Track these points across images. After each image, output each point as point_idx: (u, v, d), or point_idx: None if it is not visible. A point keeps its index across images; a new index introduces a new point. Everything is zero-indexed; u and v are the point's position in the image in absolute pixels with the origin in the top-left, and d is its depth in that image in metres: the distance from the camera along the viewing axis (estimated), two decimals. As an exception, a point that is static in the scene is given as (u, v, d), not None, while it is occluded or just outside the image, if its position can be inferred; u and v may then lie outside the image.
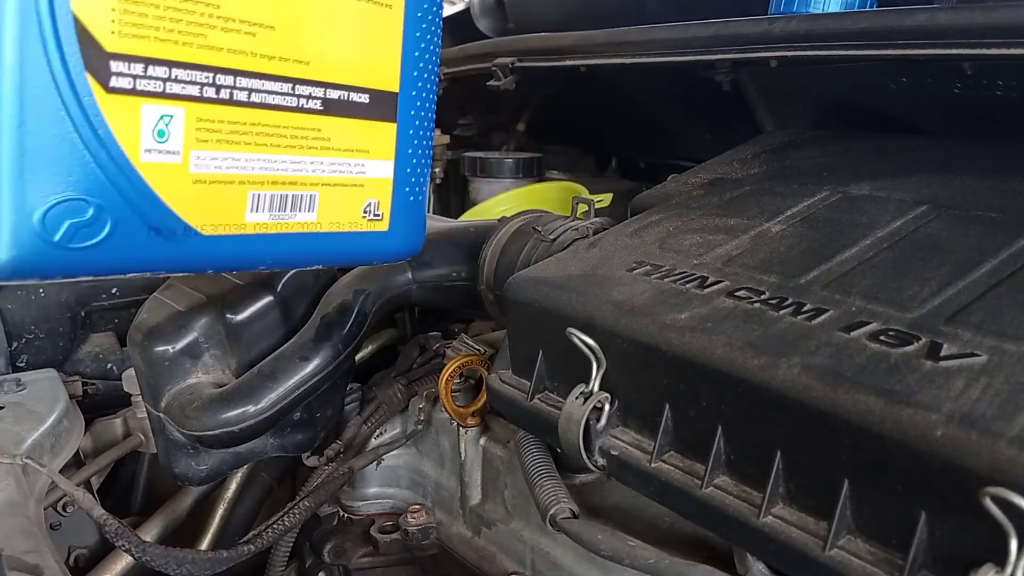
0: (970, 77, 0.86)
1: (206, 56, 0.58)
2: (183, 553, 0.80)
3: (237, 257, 0.63)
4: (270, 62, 0.62)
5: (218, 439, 0.83)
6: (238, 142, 0.61)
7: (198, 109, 0.58)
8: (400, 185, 0.75)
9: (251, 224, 0.62)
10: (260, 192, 0.63)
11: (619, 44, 1.16)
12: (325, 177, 0.68)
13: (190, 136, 0.58)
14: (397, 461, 1.09)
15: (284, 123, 0.64)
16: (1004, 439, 0.44)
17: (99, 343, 1.24)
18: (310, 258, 0.70)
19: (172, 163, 0.57)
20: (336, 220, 0.70)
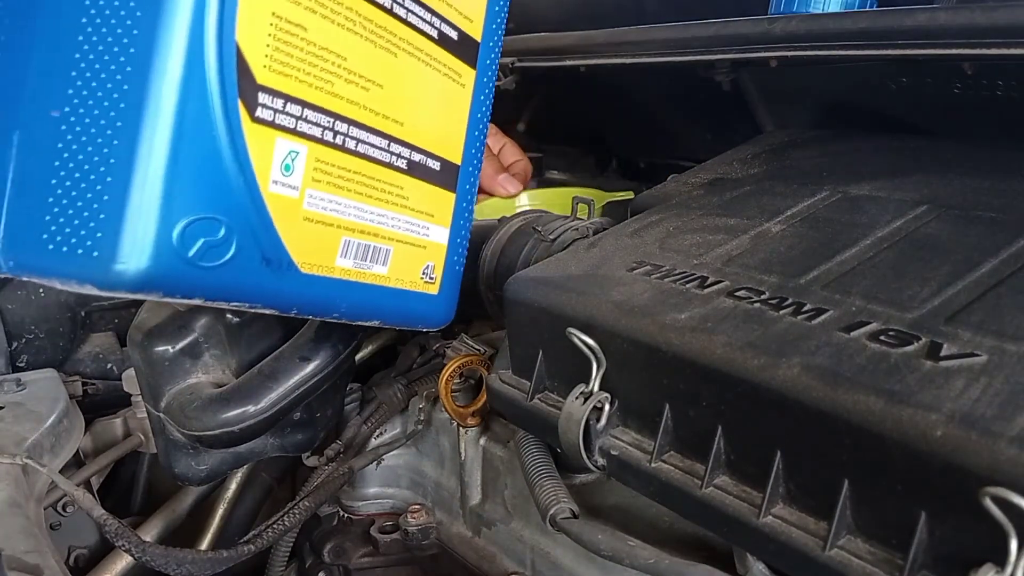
0: (970, 77, 0.86)
1: (331, 102, 0.62)
2: (183, 553, 0.80)
3: (321, 300, 0.65)
4: (375, 117, 0.67)
5: (218, 439, 0.83)
6: (342, 187, 0.64)
7: (318, 150, 0.61)
8: (451, 253, 0.80)
9: (339, 269, 0.65)
10: (350, 239, 0.66)
11: (619, 44, 1.16)
12: (399, 234, 0.72)
13: (308, 174, 0.60)
14: (397, 461, 1.09)
15: (377, 176, 0.68)
16: (1004, 439, 0.44)
17: (99, 343, 1.24)
18: (374, 312, 0.72)
19: (290, 197, 0.59)
20: (401, 277, 0.74)
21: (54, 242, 0.50)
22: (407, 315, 0.77)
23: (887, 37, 0.87)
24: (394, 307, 0.74)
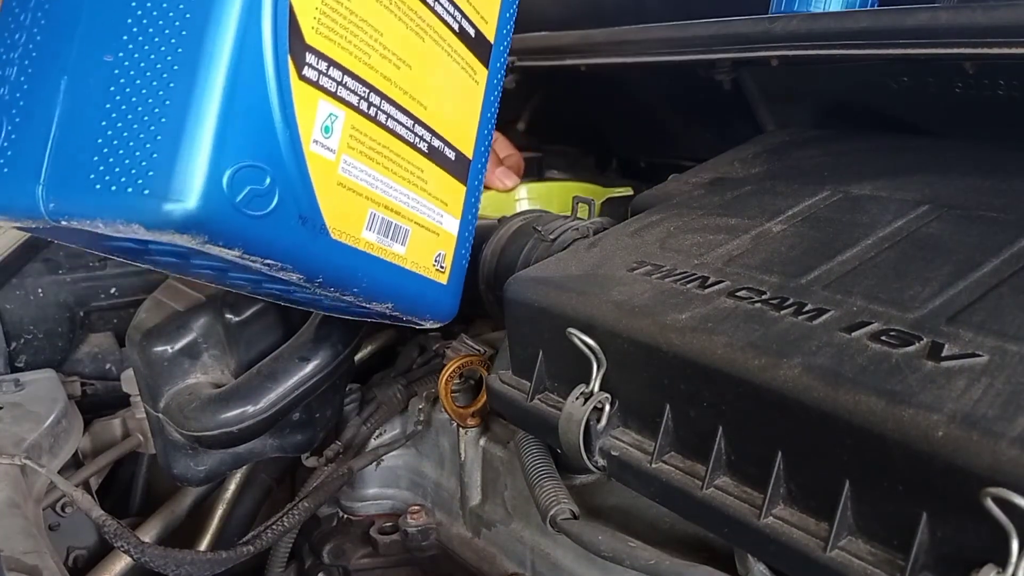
0: (971, 77, 0.86)
1: (367, 73, 0.64)
2: (182, 554, 0.80)
3: (345, 270, 0.66)
4: (404, 96, 0.69)
5: (217, 440, 0.83)
6: (372, 159, 0.66)
7: (353, 118, 0.63)
8: (460, 245, 0.81)
9: (364, 241, 0.66)
10: (376, 212, 0.67)
11: (619, 43, 1.16)
12: (418, 216, 0.73)
13: (344, 140, 0.62)
14: (397, 462, 1.09)
15: (402, 154, 0.70)
16: (1005, 439, 0.44)
17: (98, 343, 1.24)
18: (389, 292, 0.72)
19: (327, 159, 0.61)
20: (416, 260, 0.74)
21: (102, 182, 0.51)
22: (418, 301, 0.77)
23: (888, 36, 0.87)
24: (408, 290, 0.75)
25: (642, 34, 1.14)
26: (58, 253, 1.18)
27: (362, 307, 0.73)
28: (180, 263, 0.66)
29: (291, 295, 0.75)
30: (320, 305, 0.80)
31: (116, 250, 0.66)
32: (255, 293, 0.78)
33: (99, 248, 0.67)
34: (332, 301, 0.72)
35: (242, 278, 0.69)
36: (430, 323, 0.83)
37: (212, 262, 0.60)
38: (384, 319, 0.79)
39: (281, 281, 0.64)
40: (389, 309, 0.74)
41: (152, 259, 0.66)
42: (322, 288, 0.65)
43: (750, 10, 1.06)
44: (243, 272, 0.63)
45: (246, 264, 0.58)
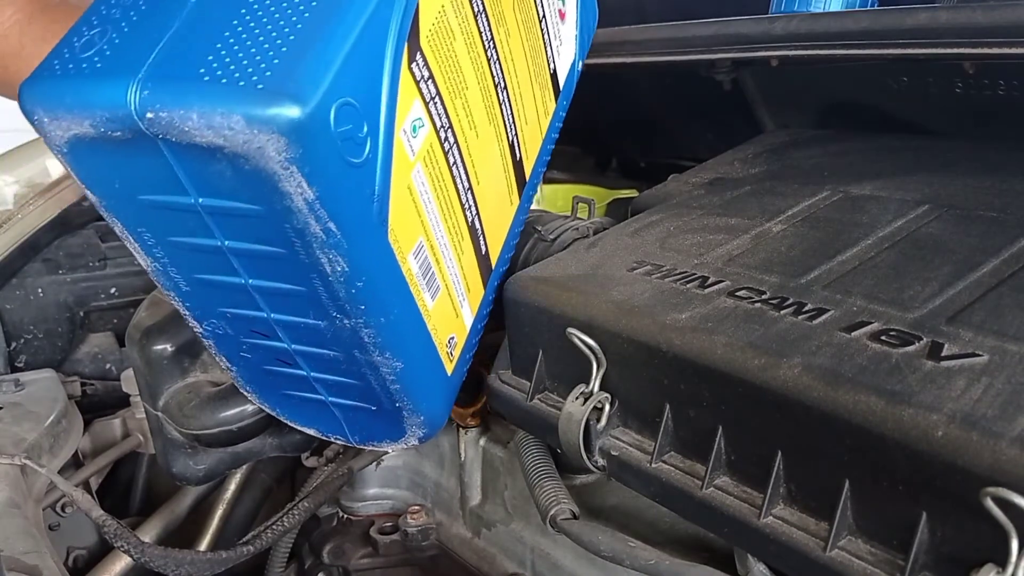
0: (971, 76, 0.86)
1: (451, 110, 0.67)
2: (182, 554, 0.80)
3: (384, 284, 0.63)
4: (468, 155, 0.71)
5: (216, 438, 0.83)
6: (435, 188, 0.66)
7: (432, 138, 0.65)
8: (468, 341, 0.77)
9: (407, 266, 0.65)
10: (424, 244, 0.66)
11: (619, 43, 1.16)
12: (449, 280, 0.71)
13: (422, 150, 0.63)
14: (396, 462, 1.09)
15: (454, 207, 0.70)
16: (1005, 439, 0.44)
17: (98, 343, 1.23)
18: (406, 347, 0.67)
19: (407, 155, 0.61)
20: (437, 326, 0.70)
21: (212, 74, 0.51)
22: (421, 379, 0.71)
23: (888, 36, 0.87)
24: (419, 357, 0.70)
25: (642, 34, 1.14)
26: (58, 253, 1.18)
27: (363, 366, 0.67)
28: (207, 247, 0.60)
29: (295, 334, 0.67)
30: (316, 361, 0.70)
31: (147, 209, 0.60)
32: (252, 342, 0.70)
33: (125, 204, 0.60)
34: (339, 349, 0.66)
35: (267, 287, 0.63)
36: (413, 432, 0.74)
37: (248, 242, 0.58)
38: (365, 404, 0.72)
39: (304, 299, 0.61)
40: (390, 377, 0.67)
41: (183, 224, 0.60)
42: (351, 303, 0.61)
43: (750, 10, 1.06)
44: (280, 270, 0.60)
45: (304, 229, 0.55)
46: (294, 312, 0.64)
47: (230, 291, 0.64)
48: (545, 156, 0.90)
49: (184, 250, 0.61)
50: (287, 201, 0.53)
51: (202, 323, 0.69)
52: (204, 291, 0.65)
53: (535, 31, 0.82)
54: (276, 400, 0.77)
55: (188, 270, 0.64)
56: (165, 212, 0.58)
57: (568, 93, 0.94)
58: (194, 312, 0.68)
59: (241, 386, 0.77)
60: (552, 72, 0.88)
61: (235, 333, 0.69)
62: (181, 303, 0.67)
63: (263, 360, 0.71)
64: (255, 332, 0.68)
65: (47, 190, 1.18)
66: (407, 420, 0.72)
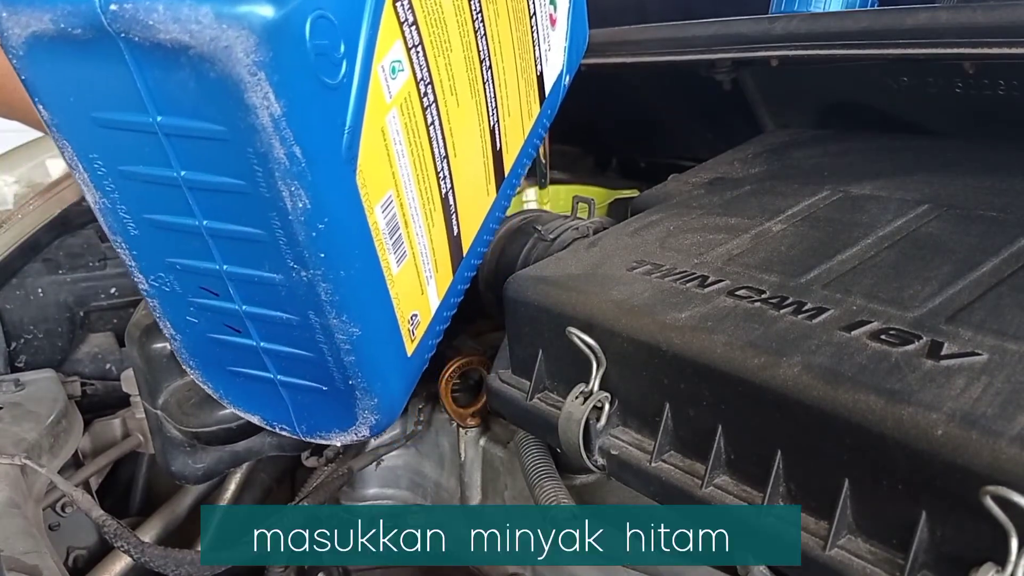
0: (971, 76, 0.86)
1: (434, 66, 0.65)
2: (182, 554, 0.80)
3: (348, 232, 0.59)
4: (448, 123, 0.68)
5: (215, 436, 0.83)
6: (410, 142, 0.63)
7: (411, 87, 0.62)
8: (431, 329, 0.73)
9: (374, 218, 0.61)
10: (393, 199, 0.63)
11: (620, 43, 1.16)
12: (417, 251, 0.68)
13: (399, 96, 0.61)
14: (396, 462, 1.09)
15: (428, 172, 0.67)
16: (1005, 438, 0.44)
17: (98, 343, 1.23)
18: (366, 312, 0.63)
19: (383, 95, 0.59)
20: (400, 297, 0.66)
21: None
22: (379, 355, 0.66)
23: (888, 36, 0.87)
24: (379, 328, 0.65)
25: (642, 34, 1.14)
26: (58, 253, 1.18)
27: (317, 332, 0.62)
28: (162, 179, 0.56)
29: (247, 292, 0.62)
30: (267, 327, 0.65)
31: (101, 129, 0.55)
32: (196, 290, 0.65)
33: (78, 122, 0.56)
34: (293, 310, 0.62)
35: (222, 231, 0.58)
36: (364, 419, 0.69)
37: (207, 172, 0.54)
38: (315, 383, 0.67)
39: (260, 247, 0.57)
40: (345, 346, 0.62)
41: (138, 150, 0.55)
42: (311, 249, 0.57)
43: (750, 10, 1.06)
44: (239, 209, 0.56)
45: (267, 153, 0.52)
46: (248, 263, 0.60)
47: (182, 236, 0.59)
48: (525, 160, 0.88)
49: (136, 182, 0.57)
50: (252, 117, 0.50)
51: (148, 277, 0.65)
52: (154, 236, 0.61)
53: (524, 26, 0.81)
54: (221, 379, 0.73)
55: (139, 208, 0.59)
56: (120, 134, 0.54)
57: (553, 103, 0.93)
58: (141, 262, 0.64)
59: (184, 360, 0.72)
60: (539, 75, 0.87)
61: (183, 291, 0.65)
62: (128, 251, 0.63)
63: (210, 326, 0.67)
64: (204, 290, 0.64)
65: (47, 190, 1.18)
66: (359, 402, 0.67)
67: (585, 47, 1.01)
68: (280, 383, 0.69)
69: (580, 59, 1.00)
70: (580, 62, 1.00)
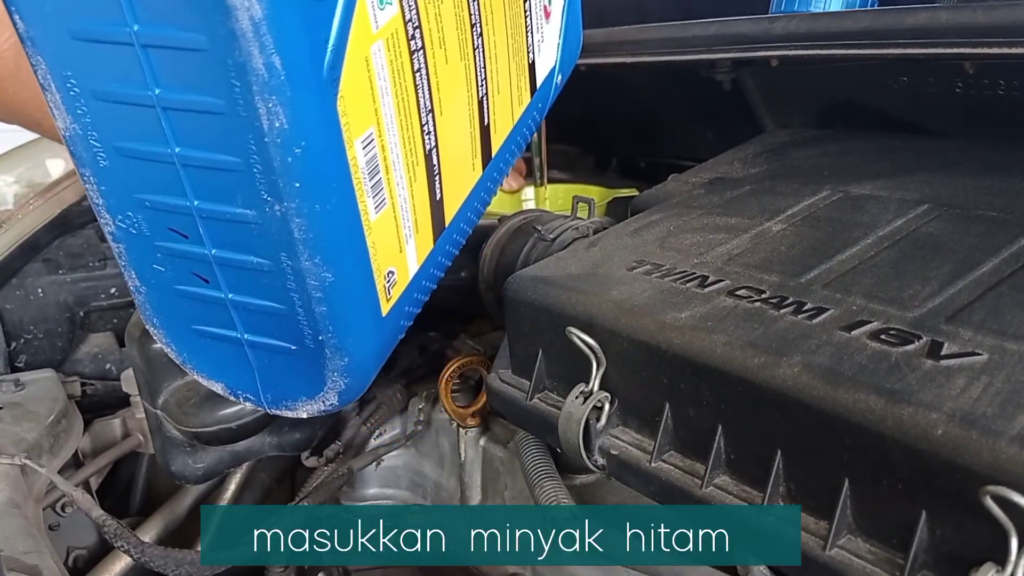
0: (971, 76, 0.86)
1: (424, 14, 0.63)
2: (182, 554, 0.80)
3: (328, 164, 0.56)
4: (435, 76, 0.66)
5: (215, 435, 0.83)
6: (395, 81, 0.61)
7: (398, 23, 0.60)
8: (407, 295, 0.69)
9: (353, 153, 0.58)
10: (374, 137, 0.60)
11: (620, 43, 1.16)
12: (396, 202, 0.64)
13: (386, 28, 0.58)
14: (396, 462, 1.09)
15: (412, 120, 0.64)
16: (1005, 438, 0.44)
17: (98, 343, 1.23)
18: (341, 256, 0.60)
19: (368, 21, 0.57)
20: (376, 247, 0.62)
21: None
22: (351, 309, 0.62)
23: (888, 36, 0.87)
24: (354, 276, 0.61)
25: (642, 34, 1.14)
26: (58, 253, 1.18)
27: (288, 278, 0.59)
28: (137, 99, 0.53)
29: (218, 232, 0.59)
30: (237, 274, 0.62)
31: (77, 43, 0.53)
32: None
33: (54, 34, 0.54)
34: (264, 253, 0.58)
35: (196, 158, 0.55)
36: (333, 384, 0.65)
37: (183, 91, 0.52)
38: (284, 343, 0.64)
39: (234, 178, 0.55)
40: (317, 294, 0.59)
41: (114, 66, 0.53)
42: (286, 176, 0.54)
43: (750, 10, 1.06)
44: (213, 132, 0.53)
45: (245, 64, 0.50)
46: (221, 198, 0.57)
47: (154, 168, 0.56)
48: (514, 148, 0.86)
49: (110, 103, 0.54)
50: (231, 21, 0.48)
51: (116, 217, 0.61)
52: (124, 167, 0.58)
53: (519, 7, 0.80)
54: (185, 340, 0.69)
55: (111, 134, 0.56)
56: (96, 49, 0.52)
57: (544, 98, 0.92)
58: (109, 199, 0.60)
59: (148, 318, 0.68)
60: (531, 63, 0.86)
61: (151, 233, 0.61)
62: (96, 185, 0.60)
63: (178, 275, 0.63)
64: (173, 231, 0.60)
65: (47, 190, 1.18)
66: (329, 362, 0.63)
67: (579, 51, 1.00)
68: (247, 343, 0.66)
69: (574, 62, 0.99)
70: (574, 65, 1.00)
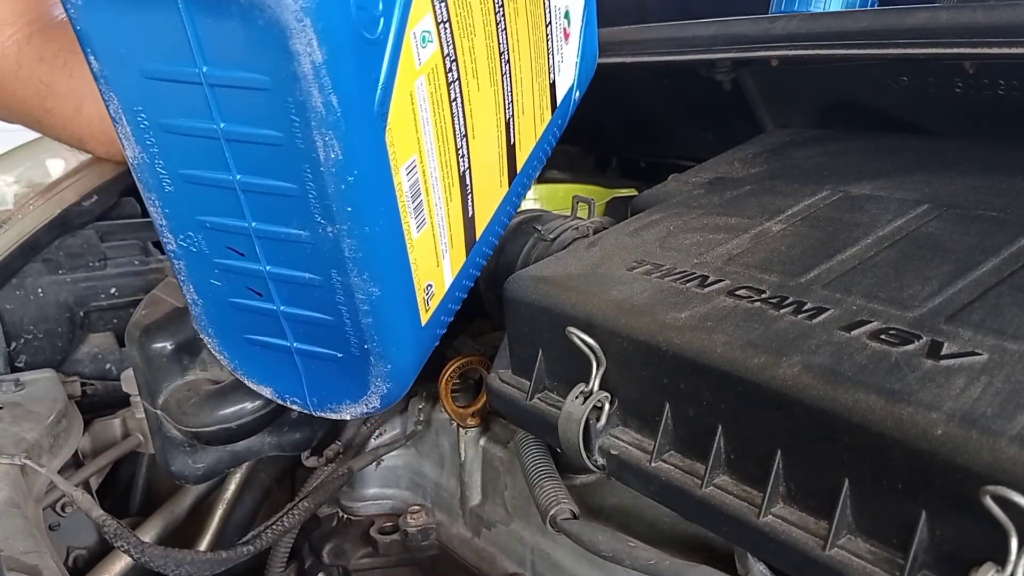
0: (971, 76, 0.86)
1: (460, 47, 0.67)
2: (182, 554, 0.80)
3: (376, 187, 0.60)
4: (468, 104, 0.70)
5: (215, 435, 0.83)
6: (434, 112, 0.65)
7: (438, 60, 0.64)
8: (443, 306, 0.74)
9: (399, 178, 0.62)
10: (415, 163, 0.64)
11: (619, 43, 1.16)
12: (435, 220, 0.69)
13: (427, 64, 0.62)
14: (396, 462, 1.09)
15: (448, 145, 0.68)
16: (1004, 438, 0.44)
17: (98, 343, 1.23)
18: (387, 272, 0.64)
19: (413, 61, 0.61)
20: (417, 263, 0.66)
21: None
22: (395, 321, 0.67)
23: (888, 36, 0.87)
24: (397, 291, 0.66)
25: (642, 34, 1.14)
26: (58, 253, 1.18)
27: (337, 292, 0.63)
28: (202, 132, 0.58)
29: (273, 251, 0.63)
30: (290, 289, 0.66)
31: (148, 81, 0.57)
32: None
33: (127, 73, 0.58)
34: (316, 270, 0.63)
35: (255, 185, 0.60)
36: (376, 388, 0.69)
37: (246, 124, 0.56)
38: (331, 350, 0.67)
39: (290, 202, 0.59)
40: (364, 307, 0.63)
41: (182, 102, 0.57)
42: (339, 202, 0.58)
43: (750, 10, 1.06)
44: (273, 162, 0.58)
45: (305, 102, 0.54)
46: (277, 219, 0.62)
47: (215, 192, 0.61)
48: (536, 163, 0.89)
49: (176, 135, 0.59)
50: (294, 65, 0.52)
51: (177, 236, 0.66)
52: (188, 192, 0.63)
53: (540, 32, 0.83)
54: (237, 348, 0.73)
55: (176, 163, 0.61)
56: (165, 86, 0.57)
57: (563, 115, 0.94)
58: (172, 220, 0.65)
59: (202, 328, 0.73)
60: (552, 83, 0.88)
61: (210, 251, 0.66)
62: (160, 208, 0.65)
63: (233, 289, 0.68)
64: (231, 250, 0.65)
65: (47, 190, 1.18)
66: (373, 369, 0.68)
67: (595, 68, 1.02)
68: (296, 351, 0.70)
69: (590, 78, 1.01)
70: (590, 80, 1.01)
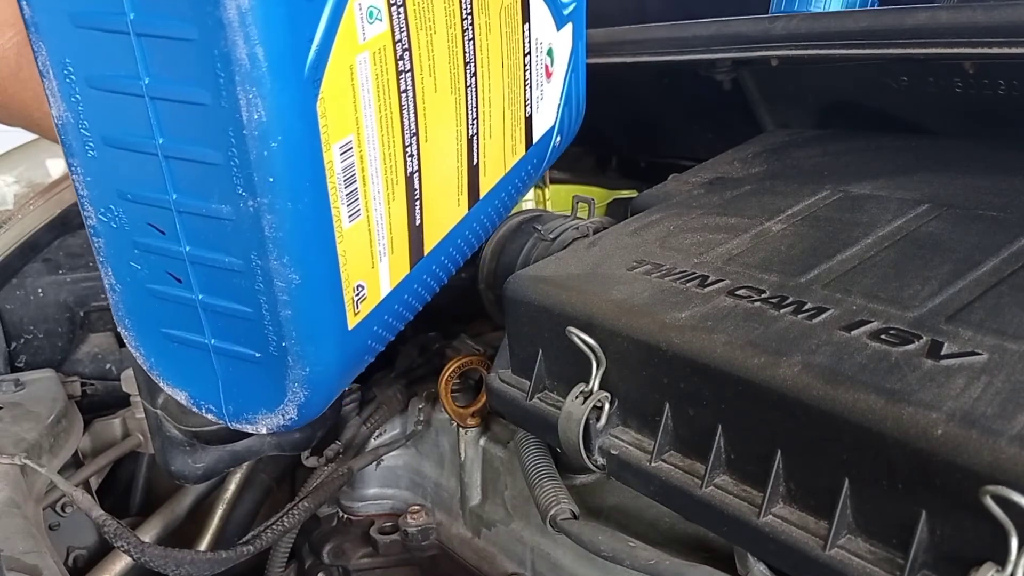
0: (971, 76, 0.86)
1: (415, 39, 0.65)
2: (182, 554, 0.80)
3: (304, 160, 0.58)
4: (421, 102, 0.68)
5: (215, 435, 0.83)
6: (379, 97, 0.63)
7: (386, 40, 0.62)
8: (376, 315, 0.69)
9: (330, 156, 0.59)
10: (352, 146, 0.62)
11: (619, 43, 1.16)
12: (372, 215, 0.65)
13: (374, 42, 0.61)
14: (396, 462, 1.09)
15: (395, 138, 0.66)
16: (1004, 438, 0.44)
17: (98, 343, 1.23)
18: (310, 257, 0.61)
19: (355, 31, 0.59)
20: (346, 257, 0.62)
21: None
22: (315, 309, 0.63)
23: (888, 36, 0.87)
24: (321, 285, 0.62)
25: (642, 34, 1.14)
26: (58, 253, 1.18)
27: (257, 278, 0.60)
28: (127, 89, 0.56)
29: (194, 228, 0.61)
30: (209, 274, 0.63)
31: (77, 31, 0.55)
32: None
33: (56, 21, 0.56)
34: (235, 252, 0.60)
35: (178, 150, 0.57)
36: (293, 395, 0.65)
37: (171, 81, 0.54)
38: (249, 349, 0.64)
39: (213, 172, 0.56)
40: (283, 297, 0.60)
41: (110, 56, 0.55)
42: (261, 170, 0.55)
43: (750, 10, 1.06)
44: (196, 124, 0.55)
45: (230, 53, 0.51)
46: (199, 193, 0.59)
47: (138, 160, 0.59)
48: (504, 196, 0.86)
49: (102, 92, 0.57)
50: (220, 11, 0.50)
51: (98, 210, 0.63)
52: (110, 158, 0.60)
53: (517, 59, 0.81)
54: (154, 344, 0.69)
55: (100, 124, 0.59)
56: (94, 35, 0.55)
57: (540, 155, 0.92)
58: (93, 191, 0.62)
59: (120, 319, 0.69)
60: (528, 117, 0.86)
61: (130, 228, 0.63)
62: (82, 177, 0.62)
63: (152, 274, 0.64)
64: (152, 227, 0.62)
65: (47, 190, 1.18)
66: (290, 372, 0.63)
67: (581, 120, 1.01)
68: (213, 349, 0.66)
69: (575, 129, 1.00)
70: (575, 133, 1.00)
